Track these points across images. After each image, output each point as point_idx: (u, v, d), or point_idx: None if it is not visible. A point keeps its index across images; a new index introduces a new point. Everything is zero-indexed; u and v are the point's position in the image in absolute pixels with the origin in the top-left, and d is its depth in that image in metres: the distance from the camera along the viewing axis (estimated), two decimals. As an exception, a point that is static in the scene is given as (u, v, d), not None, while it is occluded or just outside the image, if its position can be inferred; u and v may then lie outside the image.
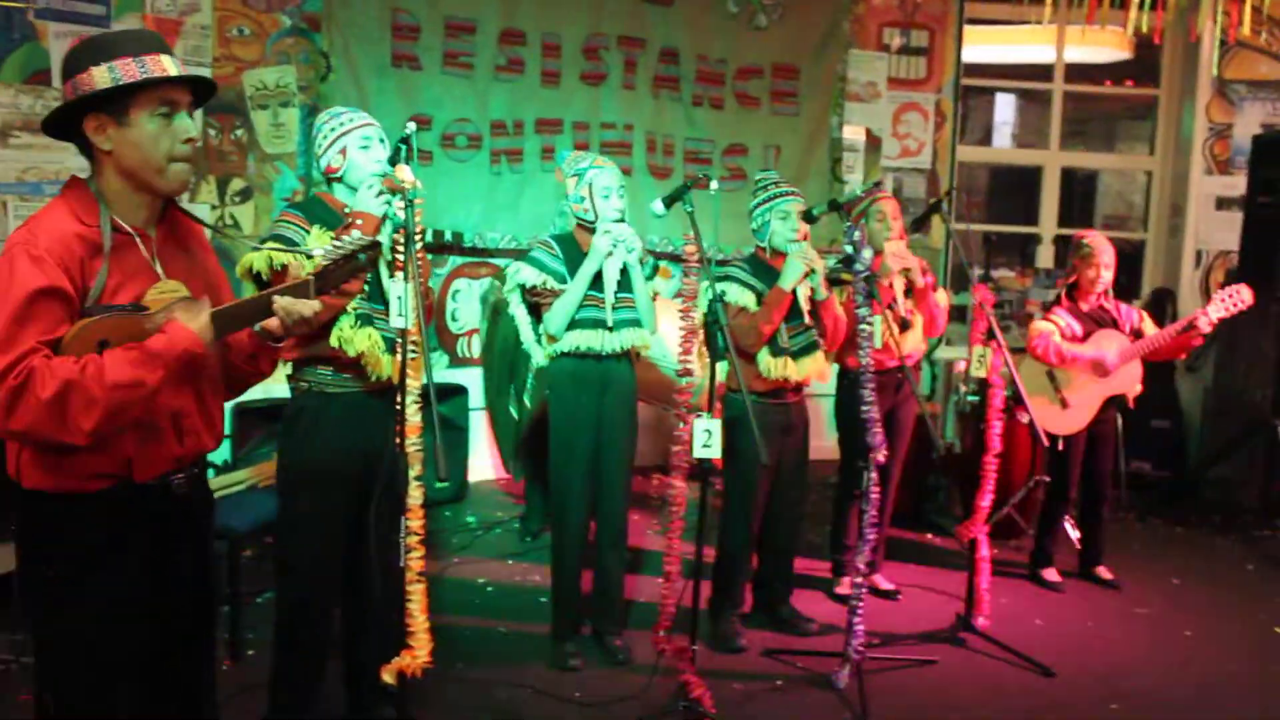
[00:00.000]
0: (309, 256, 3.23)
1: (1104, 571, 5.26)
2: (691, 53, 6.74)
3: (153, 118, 2.21)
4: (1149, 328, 5.01)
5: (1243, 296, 4.78)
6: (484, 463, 6.41)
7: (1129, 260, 7.54)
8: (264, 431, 5.20)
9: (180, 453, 2.36)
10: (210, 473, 4.67)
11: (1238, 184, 7.10)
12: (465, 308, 6.36)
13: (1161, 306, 7.15)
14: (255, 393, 5.17)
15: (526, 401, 5.27)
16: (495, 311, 5.41)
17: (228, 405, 2.77)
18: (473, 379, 6.15)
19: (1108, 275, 5.02)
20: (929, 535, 5.89)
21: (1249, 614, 4.92)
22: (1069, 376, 5.02)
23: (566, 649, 4.13)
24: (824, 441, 4.73)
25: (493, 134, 6.29)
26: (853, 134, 7.16)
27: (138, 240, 2.27)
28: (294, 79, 5.70)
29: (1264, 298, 5.65)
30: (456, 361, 6.37)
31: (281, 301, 2.35)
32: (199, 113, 5.32)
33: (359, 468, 3.39)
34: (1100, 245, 5.00)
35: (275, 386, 3.48)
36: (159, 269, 2.31)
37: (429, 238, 6.03)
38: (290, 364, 3.42)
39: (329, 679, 3.46)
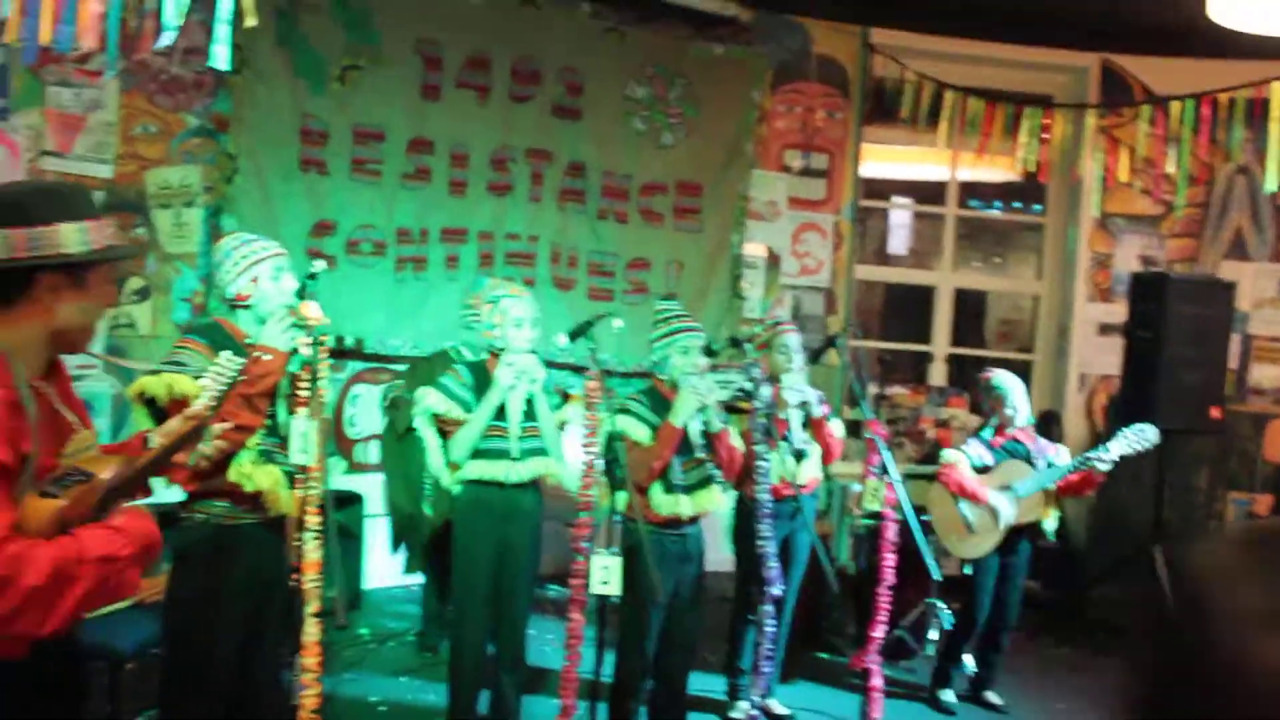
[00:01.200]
0: (196, 378, 3.21)
1: (994, 697, 5.35)
2: (598, 167, 6.85)
3: (106, 286, 2.17)
4: (1062, 460, 5.16)
5: (1148, 436, 4.95)
6: (377, 569, 6.30)
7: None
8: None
9: None
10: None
11: (1118, 311, 7.41)
12: (364, 413, 6.30)
13: (1047, 428, 7.37)
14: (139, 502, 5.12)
15: (425, 510, 5.21)
16: (393, 406, 5.36)
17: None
18: (369, 485, 6.07)
19: (1024, 409, 5.18)
20: (823, 654, 5.93)
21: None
22: (974, 505, 5.14)
23: (457, 781, 4.06)
24: (718, 554, 4.77)
25: (398, 241, 6.29)
26: (754, 251, 7.32)
27: (45, 391, 2.16)
28: (198, 179, 5.65)
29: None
30: (354, 467, 6.29)
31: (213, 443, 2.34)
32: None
33: (252, 599, 3.34)
34: (1010, 384, 5.17)
35: (160, 495, 3.40)
36: (68, 415, 2.22)
37: (330, 342, 5.95)
38: (186, 494, 3.36)
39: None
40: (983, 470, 5.15)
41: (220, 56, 3.37)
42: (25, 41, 3.55)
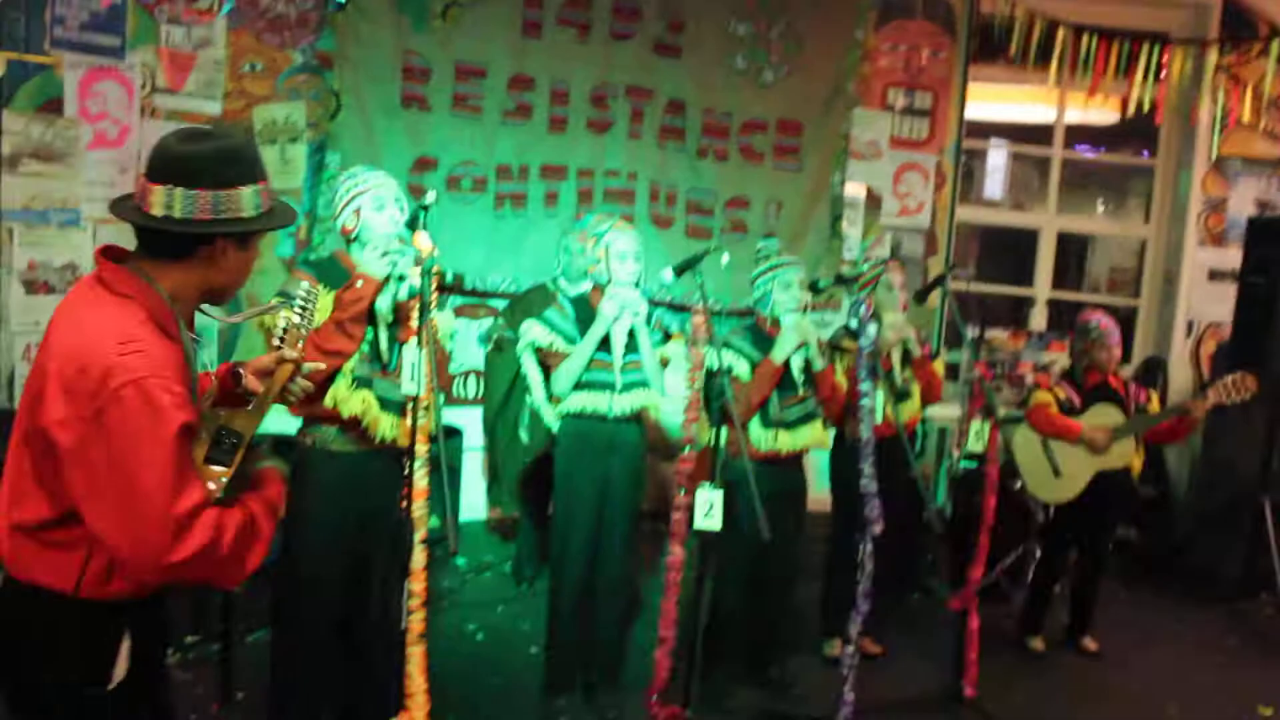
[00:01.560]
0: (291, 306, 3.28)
1: (1089, 643, 5.30)
2: (698, 105, 6.78)
3: (256, 247, 2.25)
4: (1154, 408, 5.06)
5: (1248, 384, 4.83)
6: (473, 502, 6.40)
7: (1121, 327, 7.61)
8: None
9: None
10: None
11: (1231, 257, 7.19)
12: (463, 348, 6.37)
13: (1152, 376, 7.22)
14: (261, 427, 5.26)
15: (523, 436, 5.27)
16: (497, 348, 5.41)
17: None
18: (469, 419, 6.15)
19: (1117, 355, 5.08)
20: (915, 594, 5.91)
21: (1231, 690, 4.96)
22: (1063, 446, 5.06)
23: (558, 706, 4.14)
24: (815, 493, 4.77)
25: (498, 178, 6.32)
26: (853, 191, 7.21)
27: (190, 341, 2.22)
28: (303, 116, 5.71)
29: (1255, 373, 5.72)
30: (452, 401, 6.37)
31: (302, 381, 2.43)
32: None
33: (356, 528, 3.43)
34: (1108, 328, 5.06)
35: (273, 421, 3.50)
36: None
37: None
38: (296, 417, 3.46)
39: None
40: (1071, 413, 5.06)
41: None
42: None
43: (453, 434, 5.97)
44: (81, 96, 4.81)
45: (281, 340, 2.34)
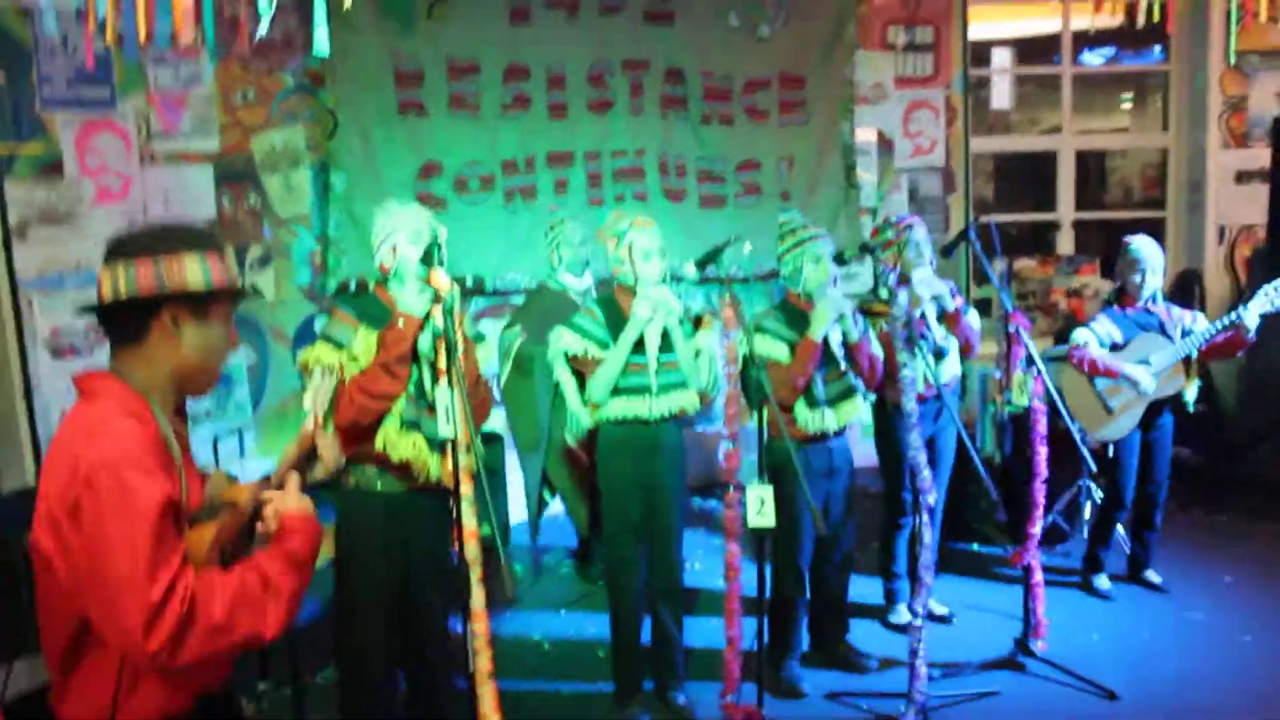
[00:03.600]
0: (353, 359, 3.27)
1: (1152, 576, 5.25)
2: (697, 70, 6.66)
3: (227, 325, 2.17)
4: (1201, 325, 4.94)
5: None
6: (522, 503, 6.38)
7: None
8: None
9: None
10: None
11: (1256, 156, 7.03)
12: (491, 350, 6.32)
13: (1188, 289, 7.08)
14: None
15: (568, 439, 5.22)
16: (518, 368, 5.31)
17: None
18: (504, 423, 6.13)
19: (1155, 280, 4.97)
20: (974, 545, 5.88)
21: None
22: (1111, 382, 4.97)
23: (631, 711, 4.14)
24: (858, 449, 4.73)
25: (505, 173, 6.24)
26: (864, 137, 7.08)
27: (181, 433, 2.16)
28: (302, 139, 5.65)
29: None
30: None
31: (324, 456, 2.29)
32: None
33: (403, 567, 3.42)
34: (1147, 250, 4.95)
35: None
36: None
37: (459, 306, 5.96)
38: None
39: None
40: (1114, 348, 4.97)
41: (321, 41, 3.31)
42: (125, 36, 3.54)
43: (492, 439, 5.95)
44: (80, 153, 4.74)
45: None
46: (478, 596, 3.05)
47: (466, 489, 3.05)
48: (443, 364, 3.09)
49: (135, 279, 2.03)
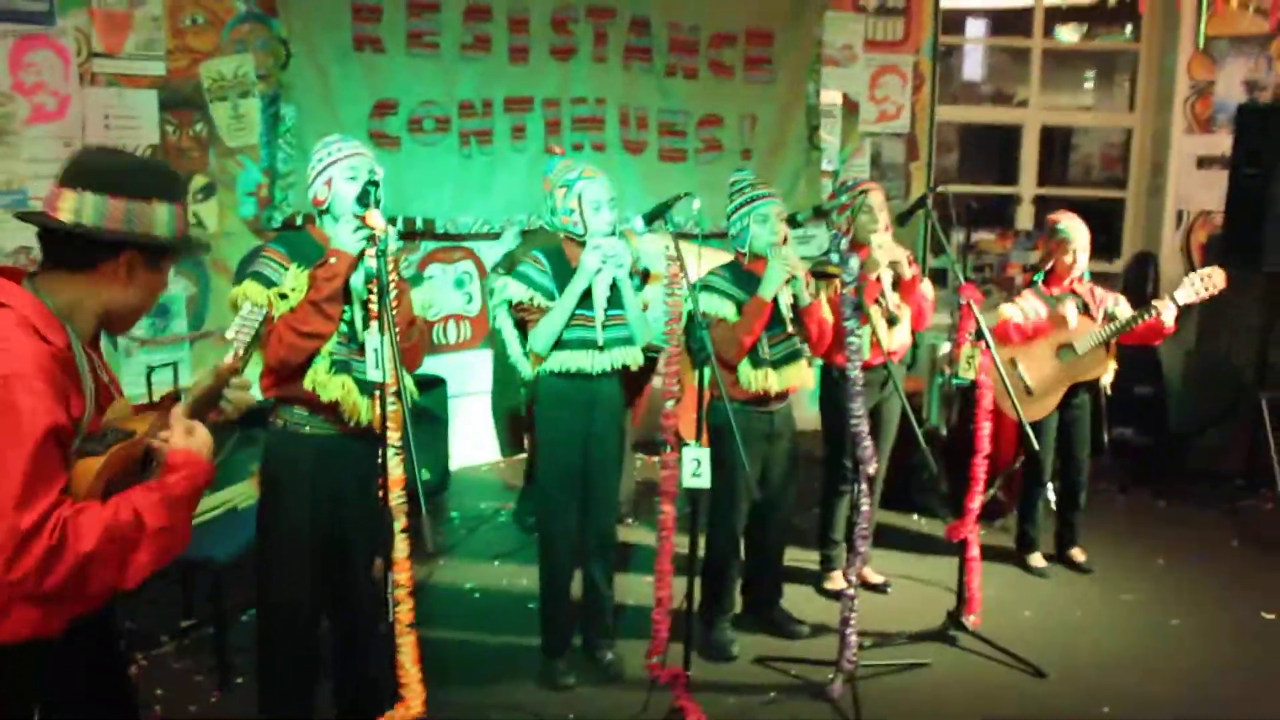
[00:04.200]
0: (283, 297, 3.16)
1: (1078, 554, 5.26)
2: (663, 20, 6.54)
3: (168, 272, 2.16)
4: (1124, 311, 4.93)
5: (1215, 280, 4.72)
6: (464, 450, 6.32)
7: (1108, 219, 7.47)
8: (239, 438, 5.07)
9: None
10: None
11: (1219, 143, 7.02)
12: (439, 294, 6.23)
13: (1143, 271, 7.08)
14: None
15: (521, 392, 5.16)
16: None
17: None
18: (450, 367, 6.05)
19: (1083, 259, 4.94)
20: (915, 515, 5.87)
21: (1236, 598, 4.93)
22: (1033, 363, 4.97)
23: (558, 667, 4.09)
24: (803, 411, 4.68)
25: (461, 115, 6.10)
26: (830, 100, 7.00)
27: (92, 356, 2.10)
28: (252, 68, 5.48)
29: (1250, 267, 5.60)
30: (432, 350, 6.25)
31: (231, 396, 2.25)
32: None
33: (330, 511, 3.34)
34: (1075, 229, 4.92)
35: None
36: (106, 381, 2.15)
37: (400, 225, 5.87)
38: (268, 399, 3.35)
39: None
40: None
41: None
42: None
43: (436, 383, 5.87)
44: (13, 69, 4.58)
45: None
46: (401, 546, 2.98)
47: (394, 436, 2.97)
48: (373, 307, 3.00)
49: (104, 214, 2.01)
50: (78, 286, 2.04)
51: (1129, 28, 7.87)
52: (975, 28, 8.53)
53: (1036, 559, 5.21)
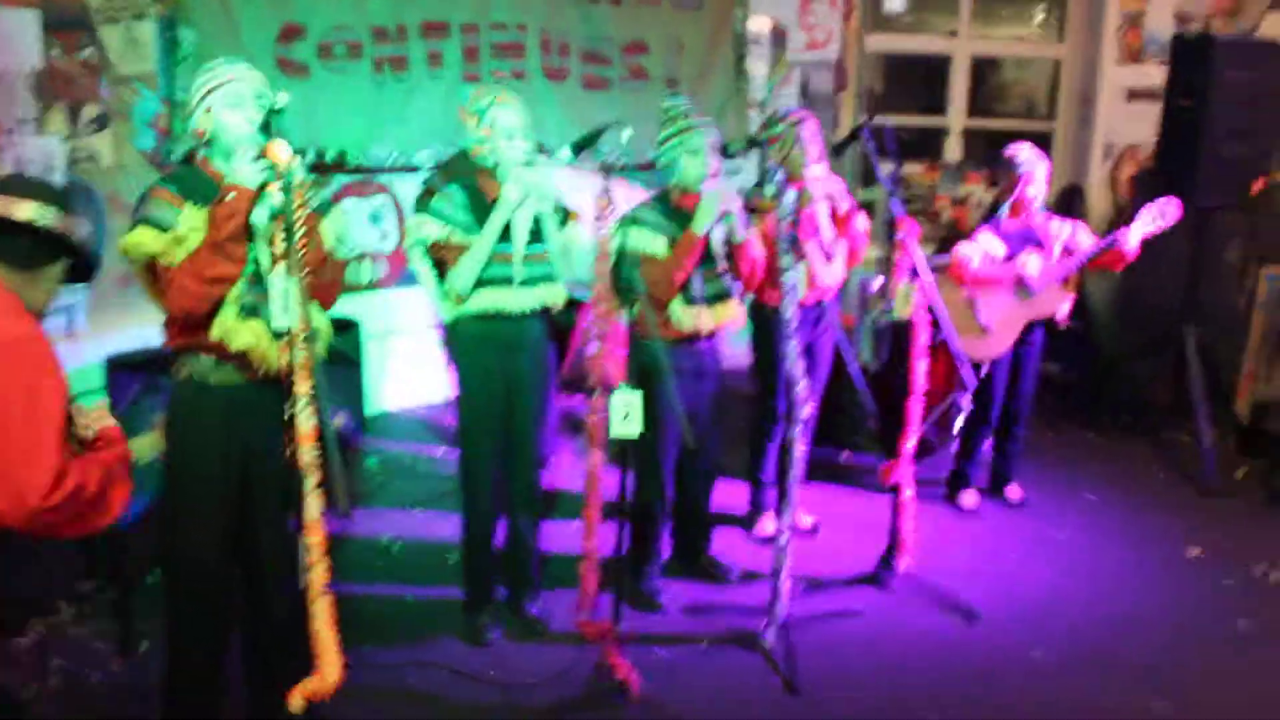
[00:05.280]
0: (178, 242, 2.91)
1: (1013, 492, 5.25)
2: (587, -57, 6.27)
3: None
4: (1084, 240, 4.86)
5: (1170, 212, 4.66)
6: (381, 393, 6.10)
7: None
8: (141, 387, 4.80)
9: None
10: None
11: (1150, 74, 6.96)
12: (354, 229, 5.95)
13: (1070, 204, 7.03)
14: (129, 342, 4.84)
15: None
16: None
17: (101, 358, 3.22)
18: (364, 308, 5.80)
19: (1043, 191, 4.85)
20: (843, 452, 5.79)
21: (1163, 534, 4.95)
22: (989, 301, 4.87)
23: (481, 621, 3.95)
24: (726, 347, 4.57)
25: (374, 41, 5.76)
26: (758, 26, 6.79)
27: None
28: (148, -13, 5.12)
29: (1181, 201, 5.54)
30: (346, 289, 5.97)
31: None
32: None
33: (240, 464, 3.13)
34: (1035, 163, 4.81)
35: (152, 335, 3.16)
36: None
37: (310, 157, 5.57)
38: (170, 349, 3.11)
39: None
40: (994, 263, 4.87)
41: None
42: None
43: (350, 325, 5.62)
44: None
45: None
46: (313, 505, 2.79)
47: (304, 387, 2.76)
48: (279, 247, 2.78)
49: (69, 229, 2.47)
50: (31, 287, 2.44)
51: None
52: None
53: (969, 497, 5.17)
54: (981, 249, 4.86)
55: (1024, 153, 4.87)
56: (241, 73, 3.03)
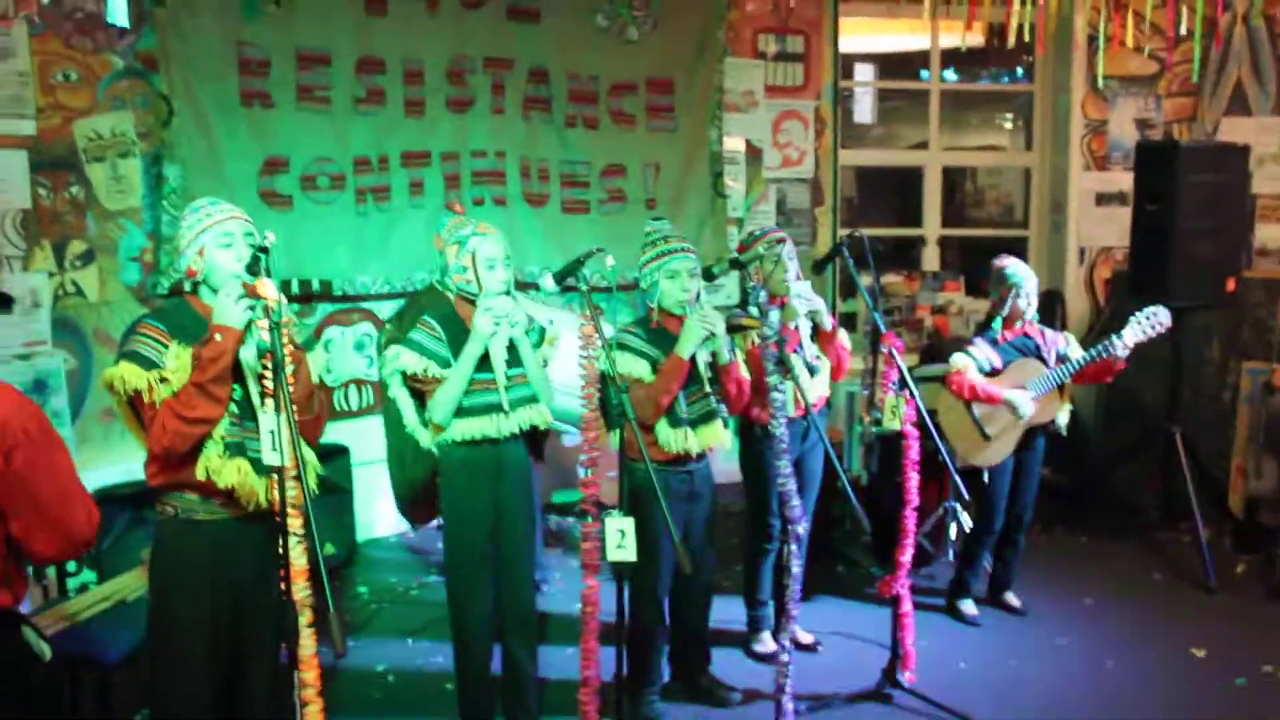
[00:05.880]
0: (163, 381, 2.90)
1: (1012, 598, 5.19)
2: (562, 71, 6.41)
3: None
4: (1074, 352, 4.90)
5: (1160, 319, 4.72)
6: (371, 521, 6.04)
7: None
8: (128, 520, 4.74)
9: None
10: (72, 589, 4.25)
11: (1116, 180, 7.12)
12: (339, 357, 5.96)
13: (1051, 310, 7.10)
14: (117, 474, 4.79)
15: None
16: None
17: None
18: (352, 434, 5.77)
19: (1035, 302, 4.90)
20: (837, 566, 5.74)
21: (1164, 634, 4.89)
22: (989, 408, 4.89)
23: (479, 754, 3.85)
24: (716, 465, 4.51)
25: (356, 171, 5.86)
26: (733, 146, 6.93)
27: None
28: (132, 126, 5.19)
29: (1157, 302, 5.60)
30: (333, 416, 5.97)
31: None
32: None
33: (230, 601, 3.07)
34: (1024, 274, 4.87)
35: (138, 466, 3.12)
36: None
37: (295, 288, 5.60)
38: (154, 486, 3.07)
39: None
40: (992, 374, 4.88)
41: (119, 9, 2.91)
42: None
43: (339, 452, 5.59)
44: None
45: None
46: (306, 642, 2.73)
47: (295, 524, 2.73)
48: (268, 384, 2.77)
49: None
50: None
51: (1020, 70, 7.97)
52: (864, 72, 8.56)
53: (969, 606, 5.11)
54: (976, 359, 4.86)
55: (1012, 264, 4.93)
56: (230, 211, 3.07)
